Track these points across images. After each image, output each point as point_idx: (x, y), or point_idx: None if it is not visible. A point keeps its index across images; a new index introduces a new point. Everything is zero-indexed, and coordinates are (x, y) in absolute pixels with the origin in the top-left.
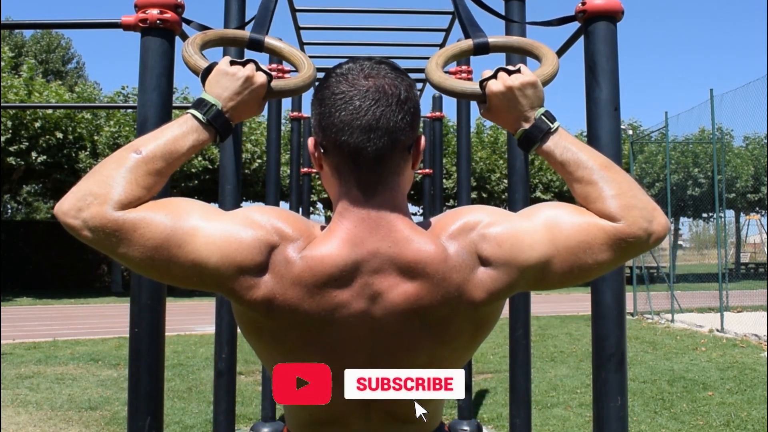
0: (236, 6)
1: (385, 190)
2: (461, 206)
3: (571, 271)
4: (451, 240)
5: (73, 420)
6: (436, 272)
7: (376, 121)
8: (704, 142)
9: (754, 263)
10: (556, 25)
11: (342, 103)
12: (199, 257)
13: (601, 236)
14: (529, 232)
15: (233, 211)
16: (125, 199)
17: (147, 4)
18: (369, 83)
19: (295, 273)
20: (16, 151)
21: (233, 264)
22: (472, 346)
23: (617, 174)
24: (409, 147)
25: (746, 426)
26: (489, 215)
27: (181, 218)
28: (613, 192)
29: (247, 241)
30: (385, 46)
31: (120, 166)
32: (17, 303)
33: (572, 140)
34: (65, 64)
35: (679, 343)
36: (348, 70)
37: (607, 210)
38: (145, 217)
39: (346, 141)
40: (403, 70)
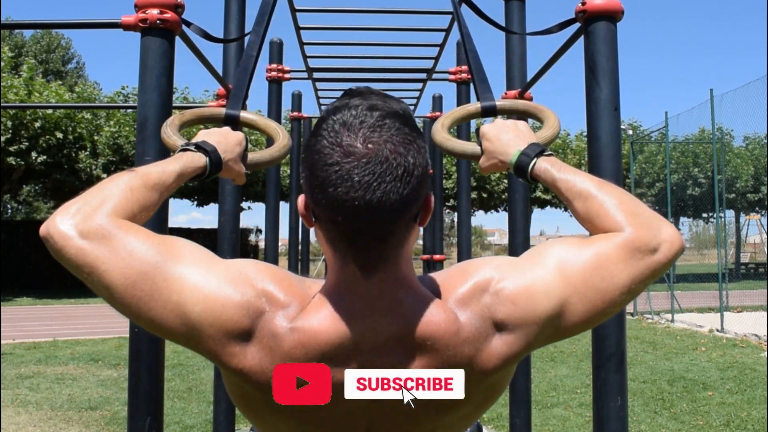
0: (236, 6)
1: (387, 265)
2: (464, 262)
3: (593, 306)
4: (461, 306)
5: (73, 420)
6: (446, 347)
7: (377, 201)
8: (704, 142)
9: (754, 263)
10: (556, 32)
11: (336, 177)
12: (183, 300)
13: (614, 253)
14: (543, 280)
15: (226, 263)
16: (120, 208)
17: (147, 4)
18: (368, 151)
19: (285, 348)
20: (16, 151)
21: (217, 322)
22: (481, 410)
23: (616, 188)
24: (415, 216)
25: (746, 426)
26: (498, 270)
27: (172, 255)
28: (615, 202)
29: (234, 300)
30: (385, 46)
31: (116, 180)
32: (17, 303)
33: (567, 165)
34: (65, 64)
35: (679, 343)
36: (343, 127)
37: (612, 220)
38: (137, 236)
39: (341, 221)
40: (412, 119)
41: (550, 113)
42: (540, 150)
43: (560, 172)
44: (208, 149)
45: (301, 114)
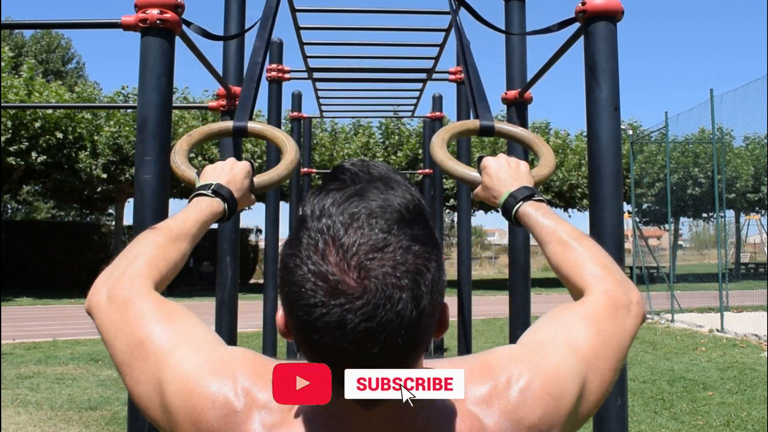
0: (236, 6)
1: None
2: (474, 356)
3: (604, 378)
4: (485, 408)
5: (73, 420)
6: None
7: (378, 350)
8: (704, 142)
9: (754, 263)
10: (556, 31)
11: (323, 325)
12: (162, 378)
13: (603, 314)
14: (565, 362)
15: (219, 350)
16: (146, 269)
17: (147, 4)
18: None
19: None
20: (16, 151)
21: (185, 406)
22: None
23: (593, 243)
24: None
25: (746, 426)
26: (518, 364)
27: (172, 329)
28: (590, 254)
29: (206, 388)
30: (385, 46)
31: (141, 241)
32: (17, 303)
33: (552, 211)
34: (65, 64)
35: (679, 343)
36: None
37: (586, 273)
38: (148, 303)
39: (332, 363)
40: (423, 214)
41: (547, 149)
42: (528, 194)
43: (543, 218)
44: (225, 195)
45: (301, 114)
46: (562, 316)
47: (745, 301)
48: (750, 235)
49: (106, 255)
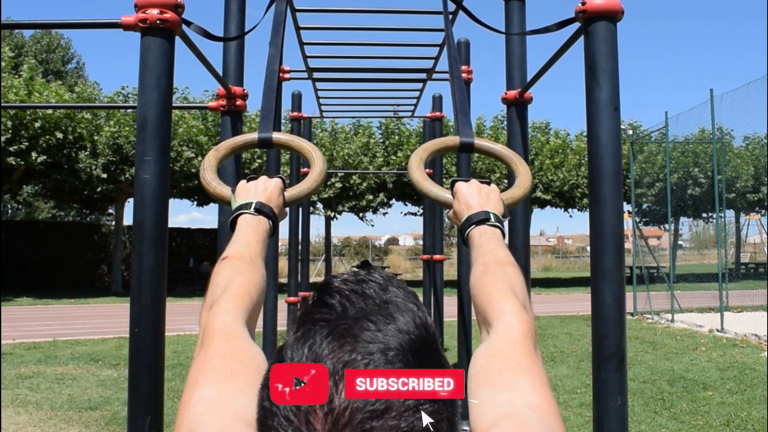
0: (236, 6)
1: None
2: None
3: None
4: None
5: (73, 420)
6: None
7: None
8: (704, 142)
9: (754, 263)
10: (555, 31)
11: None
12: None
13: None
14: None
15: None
16: (238, 297)
17: (147, 4)
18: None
19: None
20: (16, 151)
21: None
22: None
23: (513, 271)
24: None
25: (746, 426)
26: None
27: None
28: (503, 278)
29: None
30: (386, 46)
31: (223, 271)
32: (17, 303)
33: (499, 239)
34: (65, 64)
35: (679, 343)
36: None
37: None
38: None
39: None
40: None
41: (524, 169)
42: (483, 218)
43: (482, 239)
44: (268, 213)
45: (301, 114)
46: (513, 382)
47: (745, 301)
48: (750, 235)
49: (106, 255)
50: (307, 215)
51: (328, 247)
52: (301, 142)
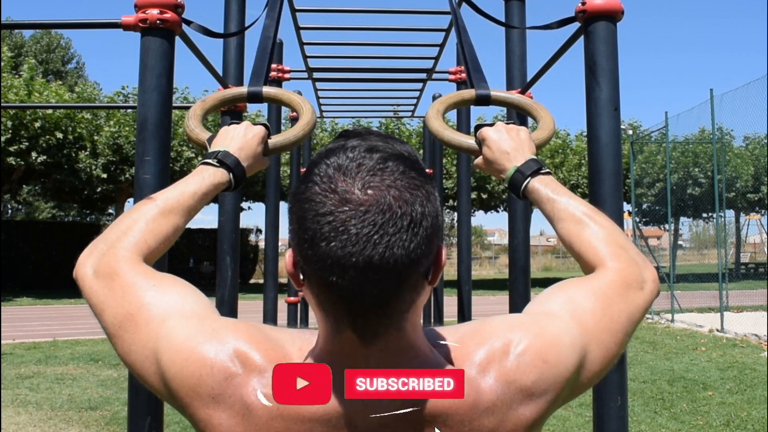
0: (236, 6)
1: (390, 330)
2: (477, 322)
3: (608, 350)
4: (481, 372)
5: (73, 420)
6: (462, 422)
7: (379, 257)
8: (704, 142)
9: (754, 263)
10: (556, 28)
11: (330, 229)
12: (157, 347)
13: (612, 290)
14: (565, 331)
15: (209, 317)
16: (133, 243)
17: (147, 4)
18: (368, 197)
19: (262, 419)
20: (16, 151)
21: (180, 375)
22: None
23: (606, 219)
24: (426, 272)
25: (746, 426)
26: (516, 331)
27: (162, 299)
28: (604, 233)
29: (201, 356)
30: (385, 46)
31: (132, 213)
32: (17, 303)
33: (562, 186)
34: (65, 64)
35: (679, 343)
36: (339, 172)
37: (598, 251)
38: (136, 275)
39: (335, 282)
40: (418, 162)
41: (545, 113)
42: (536, 168)
43: (554, 194)
44: (230, 164)
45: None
46: (571, 289)
47: (745, 301)
48: (750, 235)
49: None
50: None
51: None
52: (291, 94)
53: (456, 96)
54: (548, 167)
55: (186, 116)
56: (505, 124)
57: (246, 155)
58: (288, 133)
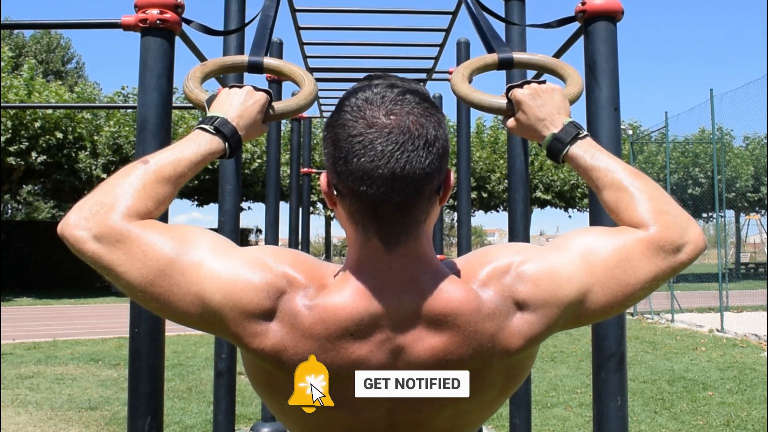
0: (236, 6)
1: (409, 239)
2: (485, 247)
3: (614, 297)
4: (483, 286)
5: (73, 420)
6: (468, 323)
7: (401, 170)
8: (704, 142)
9: (754, 263)
10: (556, 27)
11: (360, 147)
12: (202, 290)
13: (639, 249)
14: (566, 265)
15: (244, 249)
16: (134, 207)
17: (147, 4)
18: (391, 122)
19: (306, 324)
20: (16, 151)
21: (238, 305)
22: (502, 398)
23: (648, 182)
24: (437, 188)
25: (746, 426)
26: (519, 254)
27: (188, 246)
28: (645, 197)
29: (254, 283)
30: (385, 46)
31: (128, 175)
32: (17, 303)
33: (601, 148)
34: (65, 64)
35: (679, 343)
36: (365, 103)
37: (639, 216)
38: (152, 234)
39: (365, 191)
40: (430, 97)
41: (573, 70)
42: (574, 134)
43: (592, 160)
44: (227, 134)
45: (301, 114)
46: (595, 234)
47: (745, 301)
48: (750, 235)
49: None
50: (307, 215)
51: (328, 247)
52: (293, 66)
53: (479, 60)
54: (549, 167)
55: (185, 77)
56: (538, 84)
57: (245, 123)
58: (290, 101)
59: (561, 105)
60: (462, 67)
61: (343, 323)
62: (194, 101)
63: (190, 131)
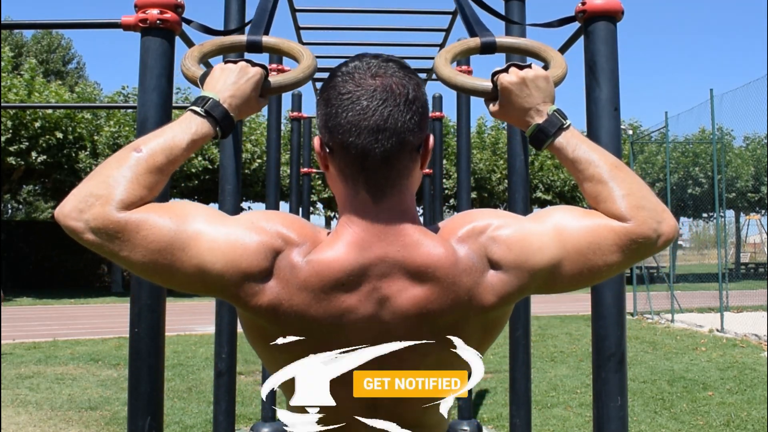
0: (236, 6)
1: (393, 192)
2: (469, 210)
3: (580, 273)
4: (460, 243)
5: (73, 420)
6: (446, 276)
7: (384, 122)
8: (704, 142)
9: (754, 263)
10: (556, 27)
11: (349, 103)
12: (202, 262)
13: (611, 237)
14: (539, 235)
15: (237, 216)
16: (127, 199)
17: (147, 4)
18: (376, 82)
19: (301, 278)
20: (16, 151)
21: (238, 270)
22: (480, 350)
23: (628, 175)
24: (417, 147)
25: (746, 426)
26: (498, 218)
27: (185, 222)
28: (623, 192)
29: (251, 246)
30: (386, 46)
31: (120, 165)
32: (17, 303)
33: (583, 138)
34: (66, 64)
35: (679, 343)
36: (354, 69)
37: (617, 210)
38: (149, 219)
39: (353, 142)
40: (411, 68)
41: (556, 53)
42: (558, 126)
43: (575, 152)
44: (217, 117)
45: (301, 114)
46: (572, 212)
47: (745, 301)
48: (750, 235)
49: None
50: (307, 215)
51: None
52: (291, 43)
53: (461, 44)
54: (549, 167)
55: (183, 57)
56: (524, 70)
57: (237, 103)
58: (288, 74)
59: (547, 92)
60: (444, 51)
61: (336, 275)
62: (189, 78)
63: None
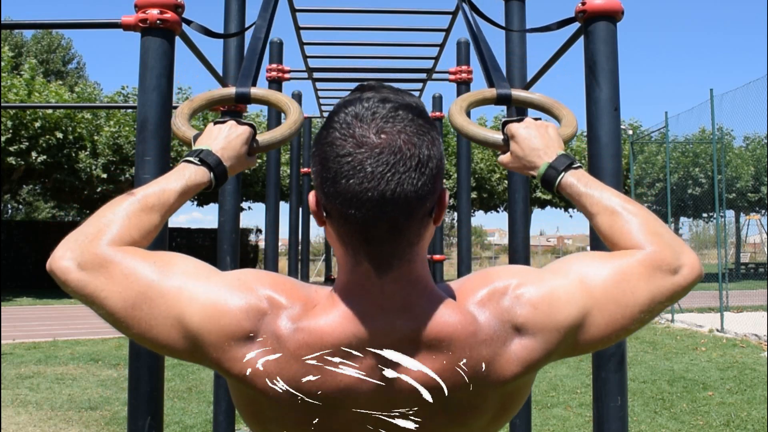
0: (236, 6)
1: (402, 263)
2: (486, 269)
3: (613, 319)
4: (480, 308)
5: (73, 420)
6: (463, 348)
7: (391, 192)
8: (704, 142)
9: (754, 263)
10: (555, 29)
11: (349, 168)
12: (181, 313)
13: (636, 269)
14: (565, 288)
15: (224, 272)
16: (119, 237)
17: (147, 4)
18: (382, 141)
19: (291, 347)
20: (16, 151)
21: (216, 327)
22: (497, 422)
23: (641, 209)
24: (430, 211)
25: (746, 426)
26: (518, 277)
27: (169, 270)
28: (639, 221)
29: (232, 304)
30: (385, 46)
31: (114, 208)
32: (17, 303)
33: (594, 178)
34: (66, 64)
35: (679, 343)
36: (356, 119)
37: (634, 239)
38: (134, 259)
39: (354, 215)
40: (425, 112)
41: (567, 111)
42: (568, 163)
43: (586, 188)
44: (211, 164)
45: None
46: (592, 258)
47: (745, 301)
48: (750, 235)
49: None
50: (307, 215)
51: (328, 247)
52: (279, 95)
53: (478, 94)
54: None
55: (173, 114)
56: (533, 120)
57: (229, 155)
58: (275, 132)
59: (555, 139)
60: (460, 99)
61: (330, 347)
62: (181, 138)
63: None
